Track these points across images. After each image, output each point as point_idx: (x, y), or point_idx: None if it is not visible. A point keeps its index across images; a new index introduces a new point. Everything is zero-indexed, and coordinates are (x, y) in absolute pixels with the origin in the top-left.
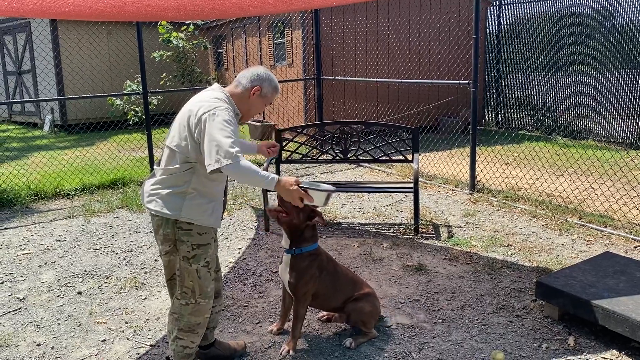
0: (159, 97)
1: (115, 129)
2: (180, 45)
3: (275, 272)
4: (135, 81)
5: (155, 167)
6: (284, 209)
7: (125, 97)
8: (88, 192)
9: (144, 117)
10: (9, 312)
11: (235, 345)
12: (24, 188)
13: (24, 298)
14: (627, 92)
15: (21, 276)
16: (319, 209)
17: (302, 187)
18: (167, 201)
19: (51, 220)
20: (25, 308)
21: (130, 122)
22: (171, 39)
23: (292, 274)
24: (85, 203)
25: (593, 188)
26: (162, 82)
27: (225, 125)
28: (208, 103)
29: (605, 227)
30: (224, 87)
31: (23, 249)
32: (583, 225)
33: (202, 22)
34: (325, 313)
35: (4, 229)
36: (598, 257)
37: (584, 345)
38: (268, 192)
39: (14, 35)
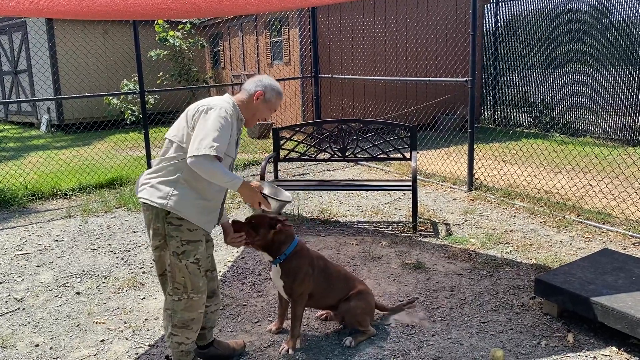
0: (156, 96)
1: (112, 128)
2: (177, 44)
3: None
4: (132, 80)
5: (153, 160)
6: (239, 235)
7: (122, 97)
8: (85, 192)
9: (141, 116)
10: (7, 312)
11: (234, 345)
12: (21, 188)
13: (21, 298)
14: (624, 89)
15: (19, 277)
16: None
17: (263, 194)
18: (157, 189)
19: (48, 220)
20: (23, 308)
21: (127, 122)
22: (168, 37)
23: (286, 278)
24: (82, 203)
25: (591, 185)
26: (159, 81)
27: (217, 121)
28: (210, 100)
29: (604, 223)
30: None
31: (20, 249)
32: (581, 222)
33: (199, 21)
34: (324, 312)
35: (1, 229)
36: (596, 254)
37: (583, 342)
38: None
39: (9, 34)
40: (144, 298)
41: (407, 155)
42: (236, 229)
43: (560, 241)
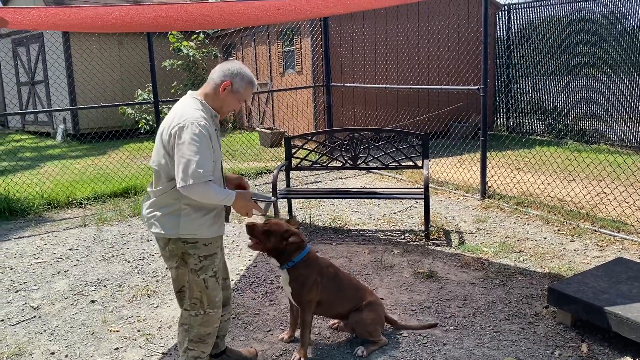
0: (170, 105)
1: (126, 137)
2: (191, 54)
3: None
4: (147, 90)
5: (148, 188)
6: (255, 240)
7: (136, 106)
8: (100, 201)
9: (155, 125)
10: (24, 320)
11: (246, 353)
12: (38, 197)
13: (38, 307)
14: (638, 95)
15: (35, 285)
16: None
17: (253, 198)
18: (163, 222)
19: (64, 229)
20: (39, 317)
21: (142, 131)
22: (181, 47)
23: (294, 285)
24: (97, 212)
25: (605, 193)
26: (172, 91)
27: (193, 143)
28: (178, 116)
29: (618, 232)
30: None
31: (37, 258)
32: (595, 230)
33: (212, 31)
34: (336, 321)
35: (18, 237)
36: (611, 262)
37: (597, 352)
38: (278, 200)
39: (27, 46)
40: (158, 306)
41: (419, 163)
42: (249, 232)
43: (574, 250)
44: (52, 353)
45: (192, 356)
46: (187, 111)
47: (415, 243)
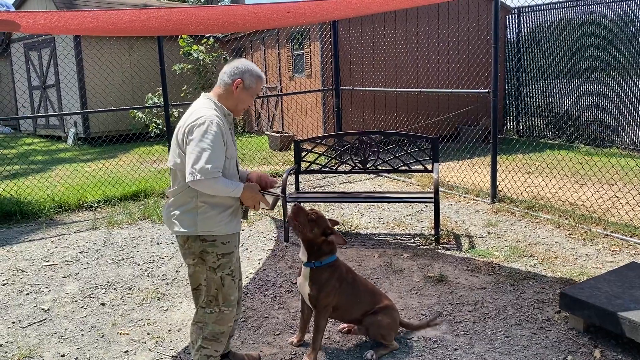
0: (180, 109)
1: (137, 141)
2: (201, 57)
3: (295, 283)
4: (157, 94)
5: (167, 191)
6: (298, 224)
7: (146, 110)
8: (110, 204)
9: (165, 129)
10: (34, 322)
11: (248, 358)
12: (49, 200)
13: (48, 309)
14: None
15: (46, 287)
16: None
17: (261, 191)
18: (182, 220)
19: (75, 232)
20: (50, 319)
21: (152, 134)
22: (191, 51)
23: (313, 287)
24: (107, 215)
25: (617, 197)
26: (182, 95)
27: (204, 137)
28: (193, 116)
29: (631, 236)
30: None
31: (47, 261)
32: (608, 234)
33: (222, 35)
34: (345, 325)
35: (29, 240)
36: (624, 267)
37: (610, 358)
38: (287, 203)
39: (39, 50)
40: (167, 309)
41: (429, 167)
42: (294, 215)
43: (586, 254)
44: (63, 356)
45: (205, 354)
46: (200, 110)
47: (425, 247)
